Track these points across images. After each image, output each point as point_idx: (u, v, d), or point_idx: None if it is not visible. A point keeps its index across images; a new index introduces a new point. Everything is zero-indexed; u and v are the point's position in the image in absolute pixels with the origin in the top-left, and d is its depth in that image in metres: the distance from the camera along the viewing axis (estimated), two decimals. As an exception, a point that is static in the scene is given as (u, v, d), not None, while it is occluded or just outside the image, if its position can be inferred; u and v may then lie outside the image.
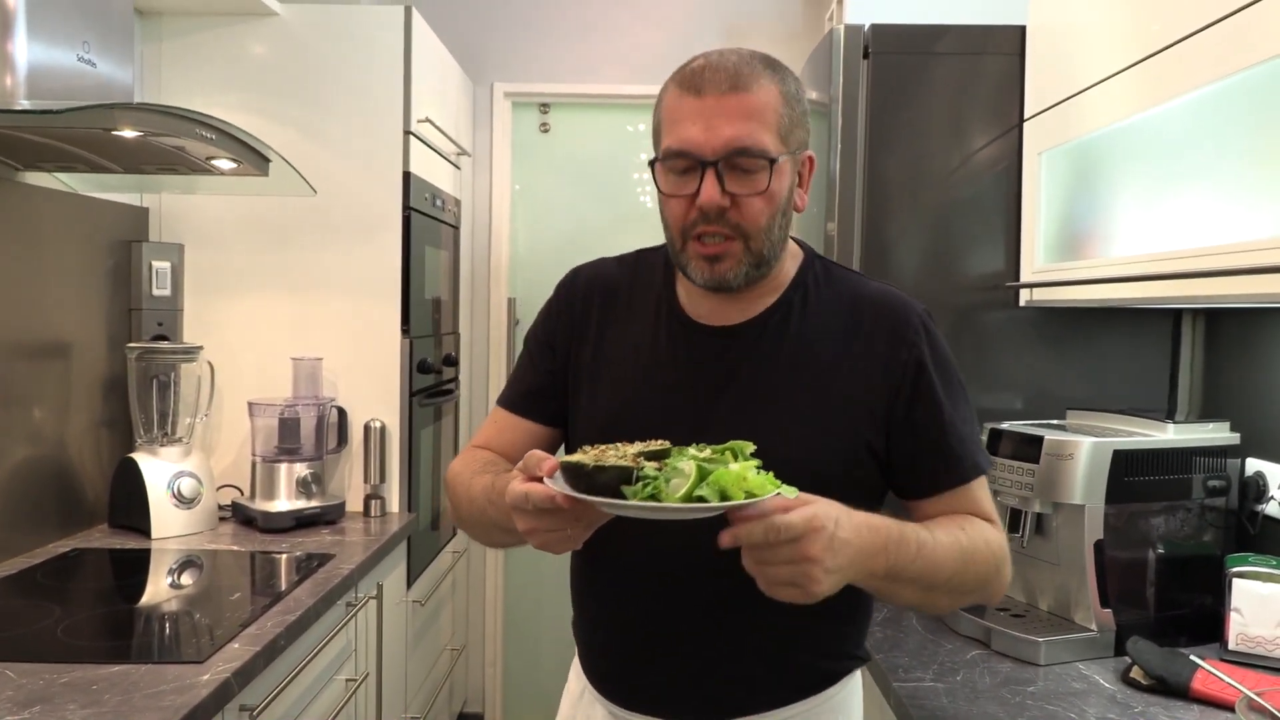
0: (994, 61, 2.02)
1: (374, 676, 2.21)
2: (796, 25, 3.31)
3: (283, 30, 2.48)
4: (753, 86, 1.09)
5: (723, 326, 1.21)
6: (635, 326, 1.25)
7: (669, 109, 1.13)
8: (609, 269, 1.31)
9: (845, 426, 1.16)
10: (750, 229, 1.11)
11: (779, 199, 1.13)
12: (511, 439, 1.29)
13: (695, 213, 1.10)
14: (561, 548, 1.02)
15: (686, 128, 1.09)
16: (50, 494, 2.11)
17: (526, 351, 1.33)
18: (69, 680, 1.37)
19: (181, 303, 2.49)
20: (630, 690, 1.25)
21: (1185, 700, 1.42)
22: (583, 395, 1.26)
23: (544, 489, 0.95)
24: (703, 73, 1.10)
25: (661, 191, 1.14)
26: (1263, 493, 1.71)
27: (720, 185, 1.08)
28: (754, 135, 1.08)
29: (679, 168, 1.11)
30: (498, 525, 1.13)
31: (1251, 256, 1.25)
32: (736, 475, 0.92)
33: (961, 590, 1.14)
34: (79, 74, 1.74)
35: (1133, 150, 1.61)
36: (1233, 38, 1.28)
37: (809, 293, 1.22)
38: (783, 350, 1.18)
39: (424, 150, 2.69)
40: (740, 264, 1.13)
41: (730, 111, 1.08)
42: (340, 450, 2.52)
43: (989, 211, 2.04)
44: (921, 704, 1.41)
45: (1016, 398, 2.05)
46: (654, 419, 1.16)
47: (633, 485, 0.92)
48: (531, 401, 1.29)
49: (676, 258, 1.17)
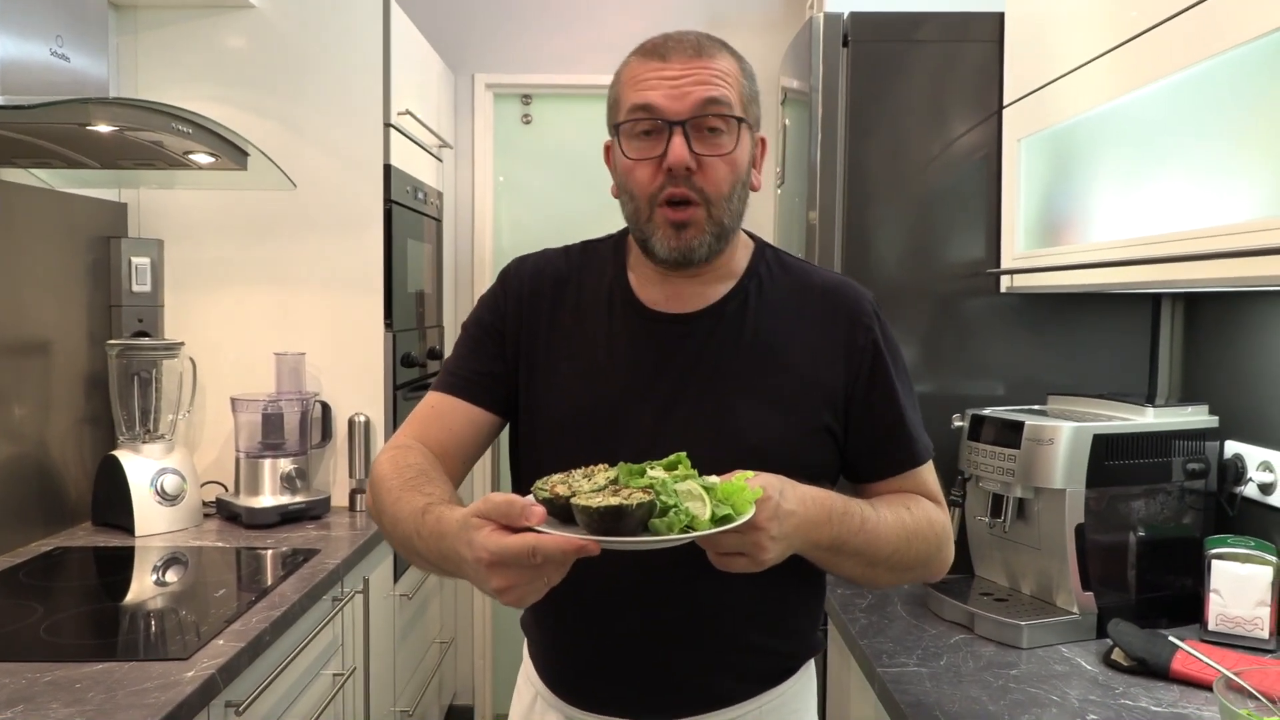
0: (973, 49, 2.02)
1: (361, 671, 2.21)
2: (777, 13, 3.31)
3: (260, 22, 2.46)
4: (715, 54, 1.13)
5: (681, 314, 1.20)
6: (589, 317, 1.23)
7: (631, 76, 1.14)
8: (555, 259, 1.28)
9: (806, 410, 1.17)
10: (713, 194, 1.12)
11: (741, 166, 1.14)
12: (450, 426, 1.21)
13: (663, 175, 1.11)
14: (533, 599, 0.93)
15: (652, 89, 1.10)
16: (32, 492, 2.09)
17: (468, 336, 1.27)
18: (52, 679, 1.37)
19: (162, 298, 2.47)
20: (588, 691, 1.22)
21: (1166, 681, 1.44)
22: (538, 389, 1.21)
23: (561, 539, 0.87)
24: (665, 42, 1.13)
25: (627, 157, 1.13)
26: (1241, 475, 1.73)
27: (688, 145, 1.09)
28: (721, 91, 1.11)
29: (644, 129, 1.11)
30: (428, 560, 1.04)
31: (1228, 240, 1.26)
32: (736, 487, 0.93)
33: (903, 567, 1.16)
34: (52, 68, 1.72)
35: (1110, 136, 1.62)
36: (1208, 23, 1.28)
37: (763, 280, 1.23)
38: (743, 336, 1.19)
39: (405, 143, 2.67)
40: (704, 232, 1.13)
41: (696, 73, 1.10)
42: (324, 445, 2.51)
43: (969, 198, 2.04)
44: (906, 689, 1.42)
45: (998, 383, 2.06)
46: (617, 410, 1.17)
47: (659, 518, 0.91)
48: (477, 386, 1.23)
49: (640, 230, 1.16)
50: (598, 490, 0.94)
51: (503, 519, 0.91)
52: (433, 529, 1.00)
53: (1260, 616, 1.55)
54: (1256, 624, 1.55)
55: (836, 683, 1.93)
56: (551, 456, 1.13)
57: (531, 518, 0.89)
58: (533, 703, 1.29)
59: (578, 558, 0.89)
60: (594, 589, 1.16)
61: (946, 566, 1.22)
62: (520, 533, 0.89)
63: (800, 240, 2.16)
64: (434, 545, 1.00)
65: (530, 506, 0.90)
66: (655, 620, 1.17)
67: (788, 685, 1.25)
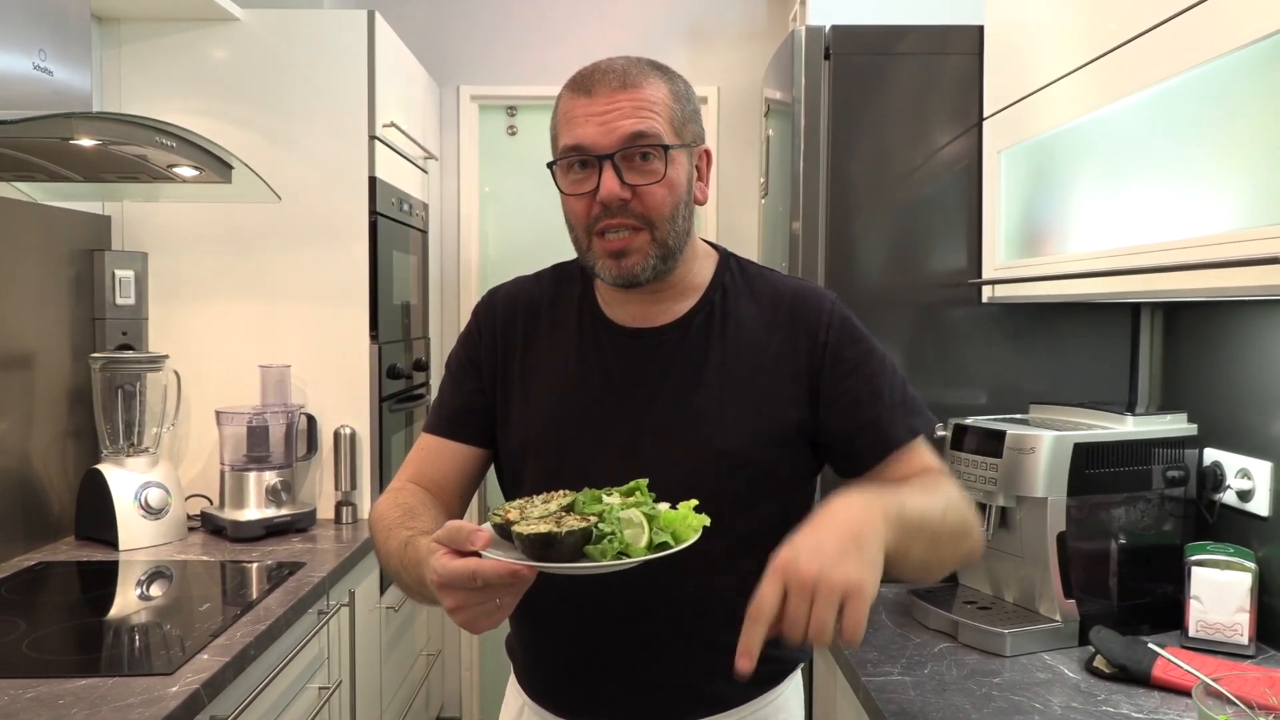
0: (953, 61, 2.05)
1: (347, 684, 2.20)
2: (760, 25, 3.33)
3: (244, 35, 2.46)
4: (641, 83, 1.13)
5: (649, 328, 1.22)
6: (561, 338, 1.25)
7: (563, 112, 1.16)
8: (527, 286, 1.32)
9: (776, 413, 1.19)
10: (654, 217, 1.14)
11: (679, 188, 1.16)
12: (440, 465, 1.27)
13: (597, 208, 1.13)
14: (487, 624, 0.95)
15: (580, 126, 1.12)
16: (15, 507, 2.08)
17: (449, 375, 1.31)
18: (35, 695, 1.36)
19: (146, 311, 2.47)
20: (573, 700, 1.24)
21: (1147, 687, 1.45)
22: (512, 409, 1.25)
23: (498, 564, 0.91)
24: (593, 75, 1.14)
25: (562, 192, 1.17)
26: (1220, 482, 1.75)
27: (619, 178, 1.11)
28: (648, 123, 1.12)
29: (576, 165, 1.14)
30: (413, 590, 1.08)
31: (1207, 251, 1.27)
32: (680, 516, 0.96)
33: (955, 535, 1.12)
34: (35, 82, 1.71)
35: (1089, 147, 1.64)
36: (1185, 35, 1.30)
37: (728, 292, 1.24)
38: (710, 348, 1.21)
39: (390, 155, 2.68)
40: (647, 256, 1.15)
41: (622, 106, 1.12)
42: (310, 457, 2.50)
43: (951, 209, 2.06)
44: (890, 697, 1.43)
45: (980, 393, 2.08)
46: (588, 424, 1.19)
47: (594, 544, 0.93)
48: (460, 423, 1.27)
49: (584, 257, 1.19)
50: (545, 516, 0.97)
51: (451, 544, 0.94)
52: (411, 558, 1.05)
53: (1239, 623, 1.57)
54: (1236, 630, 1.57)
55: (821, 692, 1.94)
56: (529, 475, 1.19)
57: (475, 542, 0.93)
58: (520, 712, 1.30)
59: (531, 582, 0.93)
60: (575, 599, 1.17)
61: (980, 530, 1.20)
62: (467, 557, 0.92)
63: (784, 250, 2.18)
64: (414, 574, 1.04)
65: (475, 532, 0.94)
66: (640, 627, 1.18)
67: (776, 692, 1.26)
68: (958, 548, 1.15)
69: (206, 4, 2.34)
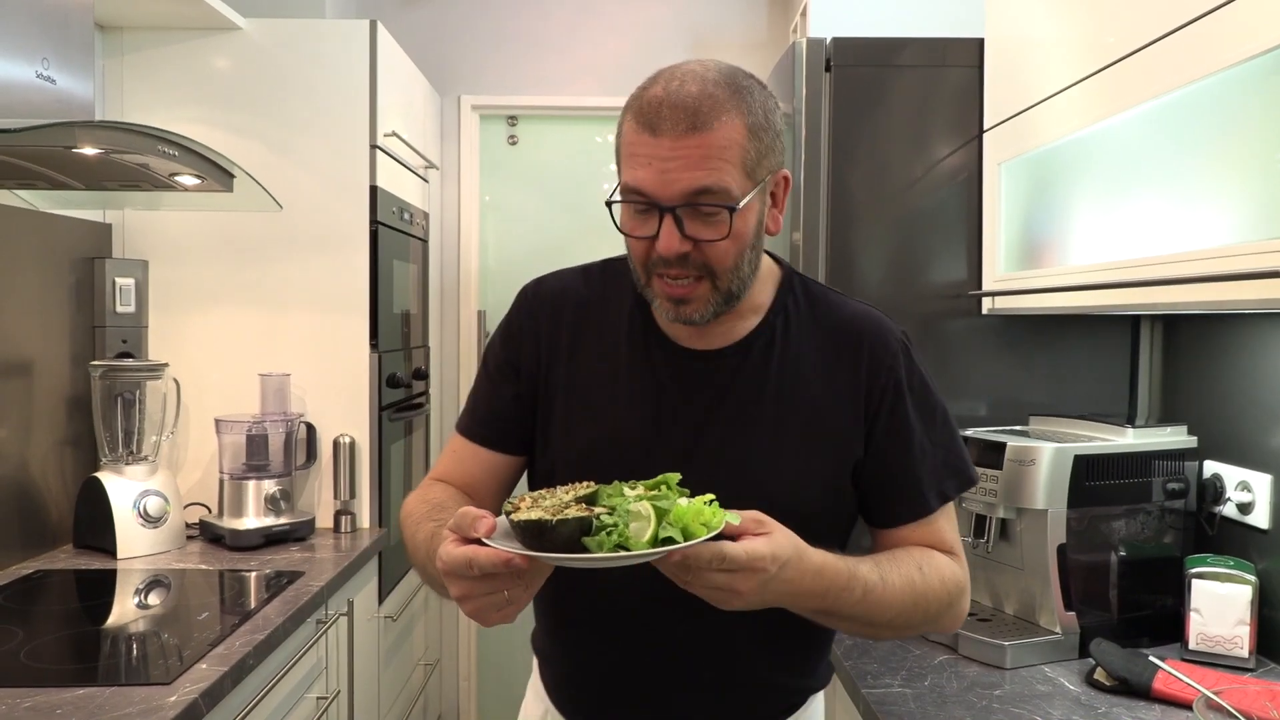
0: (954, 74, 2.05)
1: (345, 694, 2.19)
2: (761, 37, 3.34)
3: (246, 45, 2.47)
4: (713, 124, 1.00)
5: (706, 350, 1.16)
6: (609, 347, 1.18)
7: (627, 142, 1.05)
8: (575, 282, 1.23)
9: (832, 455, 1.14)
10: (717, 268, 1.06)
11: (746, 238, 1.06)
12: (471, 470, 1.22)
13: (656, 254, 1.05)
14: (497, 617, 0.93)
15: (641, 167, 1.02)
16: (13, 515, 2.08)
17: (485, 372, 1.24)
18: (32, 704, 1.35)
19: (146, 319, 2.47)
20: (600, 713, 1.23)
21: (1147, 700, 1.45)
22: (554, 424, 1.18)
23: (493, 552, 0.88)
24: (660, 109, 1.01)
25: (620, 230, 1.09)
26: (1220, 494, 1.75)
27: (680, 230, 1.03)
28: (714, 177, 1.01)
29: (637, 208, 1.05)
30: (437, 583, 1.03)
31: (1206, 264, 1.27)
32: (694, 510, 0.90)
33: (907, 626, 1.12)
34: (38, 90, 1.72)
35: (1089, 160, 1.64)
36: (1185, 49, 1.31)
37: (790, 317, 1.18)
38: (769, 377, 1.14)
39: (391, 164, 2.68)
40: (708, 304, 1.08)
41: (688, 155, 1.00)
42: (309, 466, 2.50)
43: (951, 221, 2.07)
44: (890, 710, 1.42)
45: (980, 404, 2.08)
46: (636, 448, 1.13)
47: (593, 535, 0.89)
48: (493, 429, 1.21)
49: (643, 291, 1.12)
50: (555, 507, 0.93)
51: (457, 530, 0.92)
52: (434, 550, 1.01)
53: (1240, 635, 1.56)
54: (1236, 643, 1.57)
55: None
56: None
57: (478, 529, 0.90)
58: (543, 716, 1.29)
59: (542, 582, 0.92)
60: (607, 618, 1.16)
61: (959, 621, 1.17)
62: (472, 544, 0.90)
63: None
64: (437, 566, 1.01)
65: (480, 518, 0.90)
66: (667, 653, 1.17)
67: (800, 715, 1.25)
68: (899, 634, 1.16)
69: (209, 13, 2.34)
